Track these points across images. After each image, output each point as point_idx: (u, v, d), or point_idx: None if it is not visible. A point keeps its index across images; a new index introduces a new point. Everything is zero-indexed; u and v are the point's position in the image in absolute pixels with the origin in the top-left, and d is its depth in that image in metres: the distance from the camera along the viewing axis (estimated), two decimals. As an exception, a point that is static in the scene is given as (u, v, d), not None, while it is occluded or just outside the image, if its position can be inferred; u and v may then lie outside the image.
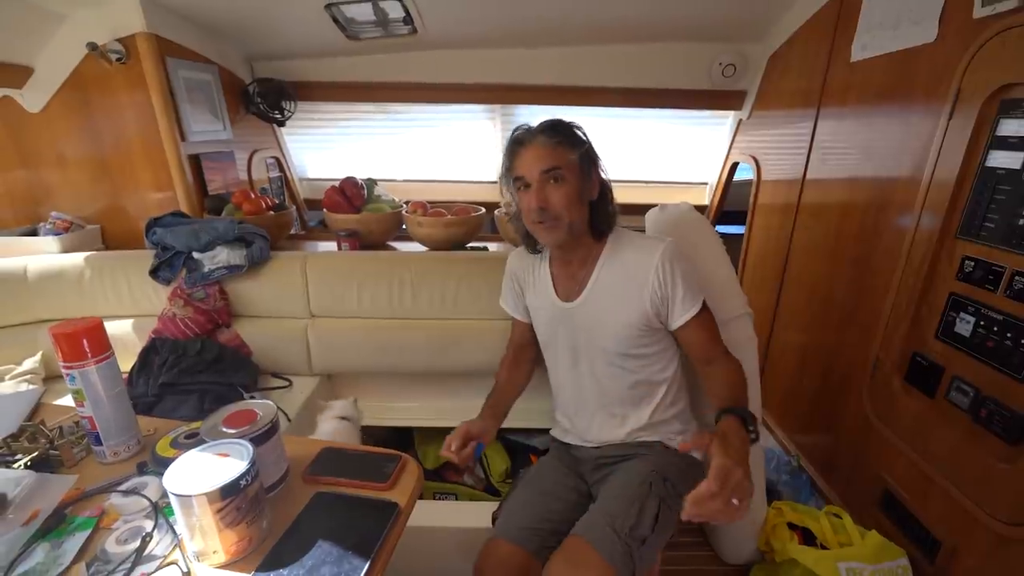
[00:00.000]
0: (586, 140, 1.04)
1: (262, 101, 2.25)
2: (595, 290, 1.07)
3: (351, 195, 1.94)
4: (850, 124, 1.55)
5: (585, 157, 1.01)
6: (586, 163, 1.02)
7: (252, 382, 1.58)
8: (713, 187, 2.63)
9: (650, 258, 1.02)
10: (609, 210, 1.08)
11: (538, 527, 1.03)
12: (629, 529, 0.92)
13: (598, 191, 1.05)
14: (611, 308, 1.06)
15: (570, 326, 1.11)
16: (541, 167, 0.98)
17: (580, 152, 1.00)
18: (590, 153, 1.03)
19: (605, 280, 1.07)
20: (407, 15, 1.92)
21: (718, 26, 2.03)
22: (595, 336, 1.09)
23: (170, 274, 1.65)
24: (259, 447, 0.68)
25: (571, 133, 1.02)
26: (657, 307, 1.03)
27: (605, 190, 1.07)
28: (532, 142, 1.00)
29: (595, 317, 1.08)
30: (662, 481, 1.02)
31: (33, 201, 1.99)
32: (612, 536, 0.91)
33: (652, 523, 0.95)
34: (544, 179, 0.98)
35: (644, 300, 1.02)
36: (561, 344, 1.15)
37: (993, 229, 1.05)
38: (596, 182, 1.05)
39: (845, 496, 1.51)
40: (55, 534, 0.67)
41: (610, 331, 1.06)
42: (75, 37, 1.70)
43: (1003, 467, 1.00)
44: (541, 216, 0.99)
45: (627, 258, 1.06)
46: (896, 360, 1.29)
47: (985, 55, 1.06)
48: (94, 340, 0.78)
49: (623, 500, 0.98)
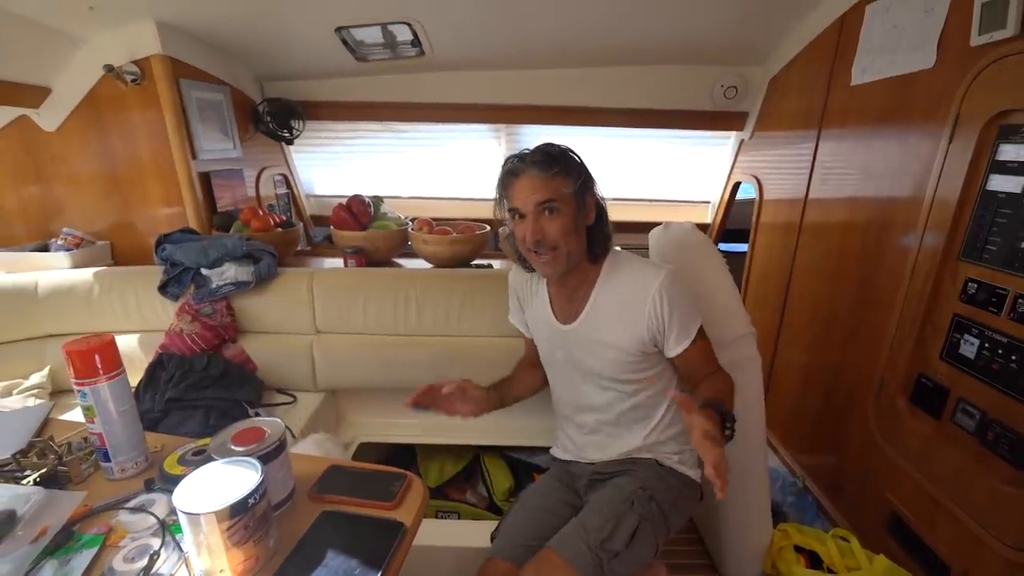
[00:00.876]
0: (581, 167, 1.01)
1: (271, 120, 2.29)
2: (592, 314, 1.06)
3: (358, 213, 1.97)
4: (851, 145, 1.57)
5: (580, 186, 0.99)
6: (581, 192, 0.99)
7: (257, 398, 1.59)
8: (716, 205, 2.65)
9: (648, 286, 1.00)
10: (605, 232, 1.06)
11: (533, 544, 1.03)
12: (600, 542, 0.93)
13: (594, 214, 1.03)
14: (607, 333, 1.05)
15: (567, 347, 1.11)
16: (535, 199, 0.96)
17: (575, 181, 0.98)
18: (585, 180, 1.00)
19: (602, 304, 1.06)
20: (415, 38, 1.96)
21: (720, 50, 2.08)
22: (591, 359, 1.08)
23: (178, 290, 1.67)
24: (267, 465, 0.69)
25: (566, 161, 0.99)
26: (653, 334, 1.02)
27: (601, 212, 1.05)
28: (525, 173, 0.97)
29: (591, 341, 1.07)
30: (647, 499, 1.02)
31: (45, 217, 2.02)
32: (583, 548, 0.92)
33: (627, 538, 0.95)
34: (539, 211, 0.96)
35: (640, 327, 1.01)
36: (559, 363, 1.15)
37: (995, 252, 1.06)
38: (591, 206, 1.03)
39: (852, 518, 1.49)
40: (63, 551, 0.67)
41: (606, 355, 1.06)
42: (93, 59, 1.75)
43: (1010, 491, 0.99)
44: (537, 247, 0.98)
45: (624, 283, 1.04)
46: (901, 381, 1.29)
47: (983, 81, 1.08)
48: (106, 357, 0.79)
49: (601, 514, 0.99)
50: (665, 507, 1.03)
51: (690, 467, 1.12)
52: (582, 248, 1.03)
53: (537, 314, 1.17)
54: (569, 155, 1.01)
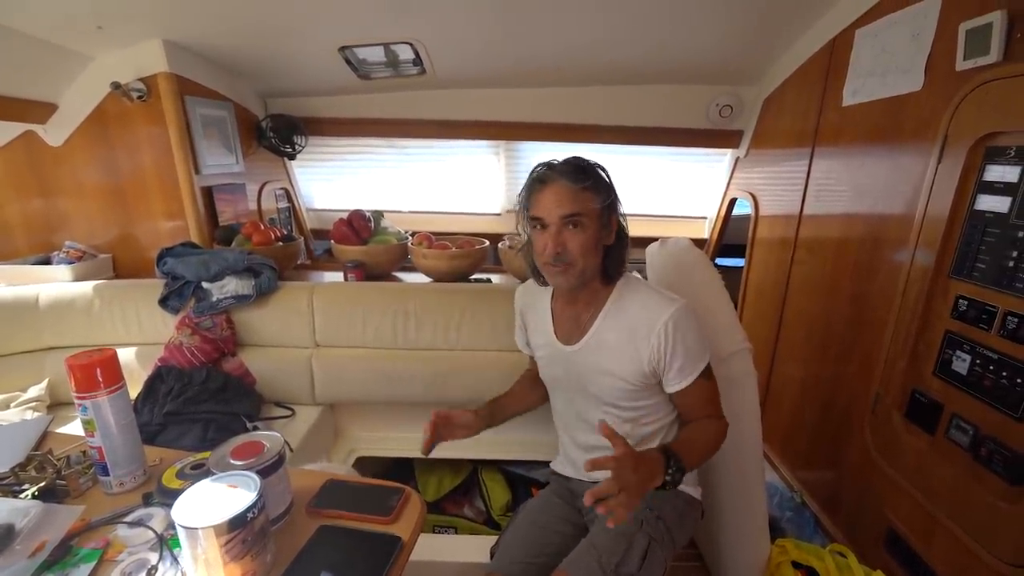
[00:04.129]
0: (610, 185, 0.99)
1: (274, 136, 2.32)
2: (595, 338, 1.04)
3: (358, 227, 1.99)
4: (843, 163, 1.60)
5: (608, 204, 0.96)
6: (607, 210, 0.97)
7: (255, 411, 1.59)
8: (712, 221, 2.68)
9: (655, 320, 0.97)
10: (623, 255, 1.03)
11: (533, 561, 1.03)
12: (615, 565, 0.92)
13: (615, 236, 1.01)
14: (608, 361, 1.02)
15: (567, 369, 1.10)
16: (561, 212, 0.93)
17: (603, 198, 0.95)
18: (613, 199, 0.98)
19: (607, 330, 1.03)
20: (417, 57, 2.01)
21: (715, 70, 2.12)
22: (590, 383, 1.07)
23: (179, 303, 1.68)
24: (265, 479, 0.70)
25: (597, 177, 0.97)
26: (654, 368, 0.99)
27: (622, 234, 1.03)
28: (554, 183, 0.94)
29: (592, 366, 1.05)
30: (655, 520, 1.01)
31: (48, 230, 2.04)
32: (598, 571, 0.91)
33: (640, 561, 0.94)
34: (563, 223, 0.94)
35: (642, 360, 0.99)
36: (559, 383, 1.14)
37: (984, 270, 1.08)
38: (614, 226, 1.01)
39: (849, 534, 1.49)
40: (60, 566, 0.68)
41: (605, 382, 1.04)
42: (100, 77, 1.79)
43: (1005, 507, 1.00)
44: (555, 260, 0.96)
45: (633, 312, 1.01)
46: (896, 396, 1.29)
47: (969, 104, 1.11)
48: (108, 371, 0.80)
49: (612, 536, 0.97)
50: (671, 526, 1.02)
51: (691, 485, 1.12)
52: (597, 266, 1.00)
53: (539, 335, 1.16)
54: (600, 171, 0.99)
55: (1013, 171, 1.02)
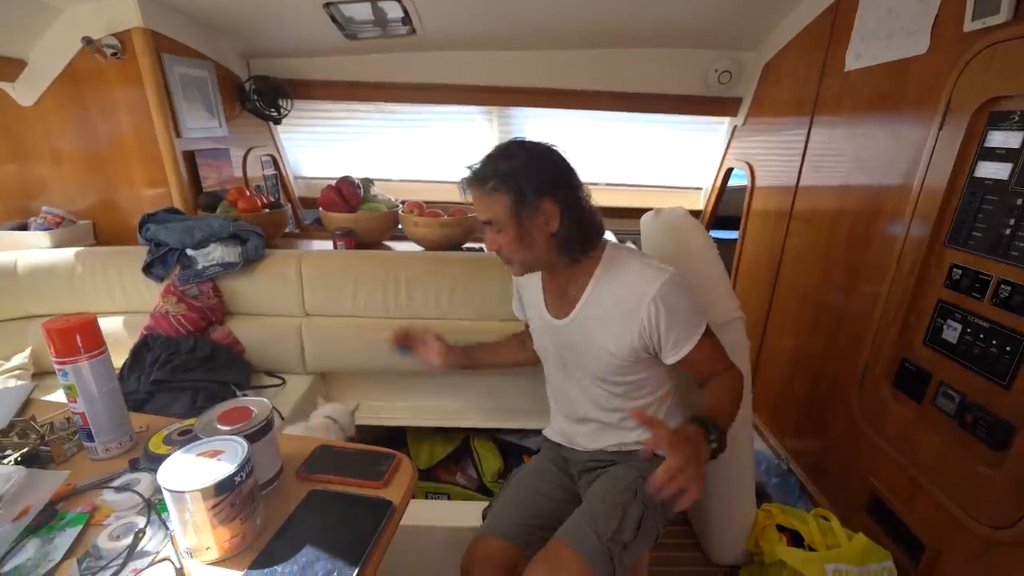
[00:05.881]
0: (526, 176, 0.91)
1: (258, 99, 2.24)
2: (583, 312, 1.02)
3: (347, 194, 1.94)
4: (843, 133, 1.58)
5: (522, 200, 0.91)
6: (525, 204, 0.91)
7: (245, 380, 1.58)
8: (708, 192, 2.65)
9: (644, 292, 0.93)
10: (583, 231, 0.97)
11: (526, 523, 1.04)
12: (611, 534, 0.92)
13: (558, 221, 0.94)
14: (598, 335, 1.00)
15: (559, 342, 1.09)
16: (480, 218, 0.97)
17: (513, 198, 0.91)
18: (534, 189, 0.91)
19: (595, 304, 1.00)
20: (406, 15, 1.92)
21: (714, 34, 2.06)
22: (581, 357, 1.05)
23: (163, 271, 1.64)
24: (254, 444, 0.68)
25: (504, 175, 0.91)
26: (646, 342, 0.96)
27: (571, 214, 0.94)
28: (469, 190, 0.97)
29: (582, 339, 1.03)
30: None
31: (24, 195, 1.97)
32: (594, 540, 0.91)
33: (635, 529, 0.95)
34: (488, 227, 0.97)
35: (632, 334, 0.96)
36: (552, 356, 1.13)
37: (981, 238, 1.07)
38: (551, 214, 0.93)
39: (833, 499, 1.53)
40: (46, 530, 0.67)
41: (596, 356, 1.02)
42: (70, 31, 1.69)
43: (987, 472, 1.02)
44: (499, 256, 1.00)
45: (621, 284, 0.98)
46: (885, 365, 1.31)
47: (975, 67, 1.08)
48: (87, 336, 0.77)
49: (607, 504, 0.98)
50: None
51: None
52: (546, 253, 0.97)
53: (531, 303, 1.15)
54: (512, 164, 0.92)
55: (1015, 137, 1.00)
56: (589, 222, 0.98)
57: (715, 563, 1.48)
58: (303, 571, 0.59)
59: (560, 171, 0.96)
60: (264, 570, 0.59)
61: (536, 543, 1.00)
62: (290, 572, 0.59)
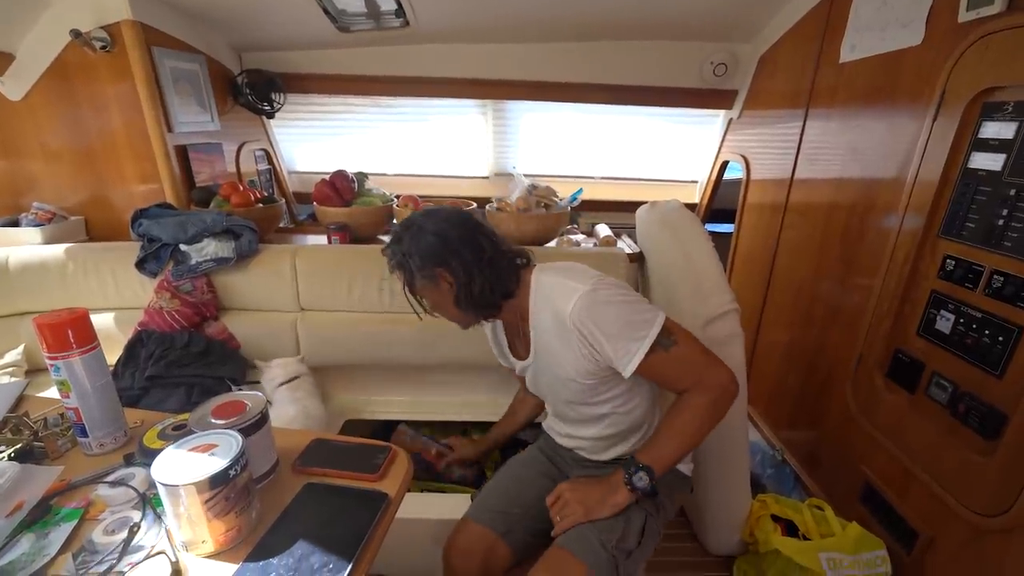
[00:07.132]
0: (411, 252, 0.95)
1: (251, 92, 2.22)
2: (537, 346, 1.02)
3: (341, 188, 1.93)
4: (837, 125, 1.58)
5: (410, 281, 0.99)
6: (414, 283, 0.98)
7: (240, 375, 1.57)
8: (703, 185, 2.65)
9: (563, 318, 0.90)
10: (489, 284, 0.96)
11: (507, 511, 1.05)
12: (616, 542, 0.92)
13: (454, 287, 0.96)
14: (557, 367, 0.99)
15: (536, 380, 1.09)
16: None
17: (405, 278, 0.99)
18: (413, 274, 0.96)
19: (541, 339, 1.00)
20: (399, 7, 1.90)
21: (709, 26, 2.05)
22: (556, 388, 1.05)
23: (156, 266, 1.63)
24: (248, 438, 0.68)
25: (396, 262, 0.99)
26: (596, 359, 0.92)
27: (467, 276, 0.94)
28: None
29: (549, 373, 1.03)
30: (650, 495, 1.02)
31: (14, 191, 1.95)
32: (599, 549, 0.91)
33: (638, 536, 0.95)
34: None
35: (580, 356, 0.93)
36: (542, 389, 1.12)
37: (974, 229, 1.08)
38: (447, 281, 0.96)
39: (827, 489, 1.54)
40: (40, 525, 0.66)
41: (565, 386, 1.00)
42: (58, 24, 1.67)
43: (979, 460, 1.03)
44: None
45: (547, 312, 0.95)
46: (879, 356, 1.32)
47: (969, 59, 1.08)
48: (79, 331, 0.77)
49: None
50: (664, 501, 1.03)
51: (683, 463, 1.11)
52: (463, 315, 1.01)
53: (501, 353, 1.18)
54: (399, 248, 0.97)
55: (1009, 127, 1.00)
56: (494, 275, 0.96)
57: (711, 553, 1.50)
58: (299, 564, 0.59)
59: (446, 242, 0.94)
60: (260, 563, 0.59)
61: (515, 531, 1.03)
62: (286, 565, 0.59)
